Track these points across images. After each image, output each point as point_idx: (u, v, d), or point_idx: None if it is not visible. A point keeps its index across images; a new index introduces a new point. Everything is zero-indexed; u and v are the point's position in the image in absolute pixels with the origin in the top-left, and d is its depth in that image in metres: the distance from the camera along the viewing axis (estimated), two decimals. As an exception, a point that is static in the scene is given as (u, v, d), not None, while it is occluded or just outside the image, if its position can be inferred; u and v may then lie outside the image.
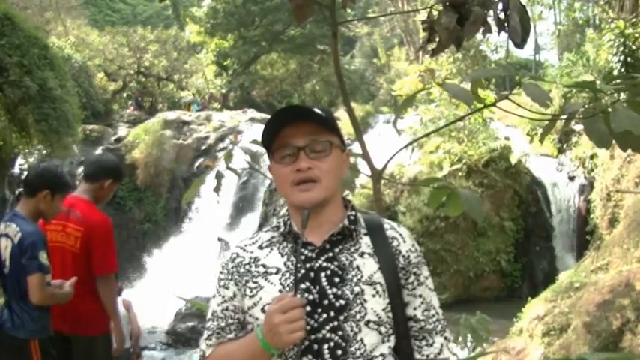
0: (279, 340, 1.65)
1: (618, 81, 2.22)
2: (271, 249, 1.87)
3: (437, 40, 2.56)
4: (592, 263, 11.11)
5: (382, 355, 1.77)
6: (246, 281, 1.83)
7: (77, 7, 37.14)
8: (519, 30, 2.40)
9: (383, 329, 1.78)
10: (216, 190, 3.06)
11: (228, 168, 3.08)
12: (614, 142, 2.14)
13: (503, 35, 2.50)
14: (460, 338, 3.51)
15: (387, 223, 1.93)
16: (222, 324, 1.86)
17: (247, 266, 1.86)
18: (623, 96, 2.13)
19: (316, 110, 1.82)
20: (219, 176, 3.06)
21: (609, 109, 2.04)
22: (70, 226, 4.50)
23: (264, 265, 1.84)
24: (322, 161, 1.80)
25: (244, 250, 1.90)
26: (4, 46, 13.68)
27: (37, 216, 4.23)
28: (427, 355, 1.86)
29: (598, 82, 2.20)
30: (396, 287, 1.83)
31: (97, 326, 4.67)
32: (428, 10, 2.67)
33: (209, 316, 1.90)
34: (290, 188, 1.81)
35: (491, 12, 2.46)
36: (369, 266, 1.81)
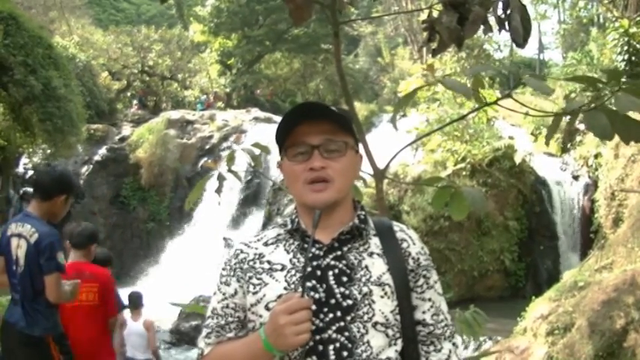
0: (284, 341, 1.60)
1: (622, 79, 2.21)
2: (277, 246, 1.82)
3: (438, 39, 2.55)
4: (596, 262, 11.09)
5: (388, 358, 1.73)
6: (250, 278, 1.78)
7: (81, 7, 37.17)
8: (521, 30, 2.40)
9: (390, 332, 1.74)
10: (218, 191, 3.05)
11: (229, 170, 3.08)
12: (617, 140, 2.14)
13: (507, 34, 2.49)
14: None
15: (396, 225, 1.90)
16: (222, 322, 1.81)
17: (251, 262, 1.81)
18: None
19: (333, 109, 1.79)
20: (220, 178, 3.06)
21: (609, 102, 2.04)
22: None
23: (269, 262, 1.79)
24: (336, 161, 1.76)
25: (248, 246, 1.86)
26: (9, 45, 13.72)
27: (48, 217, 4.34)
28: None
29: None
30: (405, 290, 1.79)
31: None
32: (428, 9, 2.67)
33: (208, 313, 1.85)
34: (302, 187, 1.77)
35: (491, 11, 2.45)
36: (377, 267, 1.77)
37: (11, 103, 14.54)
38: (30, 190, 21.19)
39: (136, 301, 8.10)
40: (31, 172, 21.31)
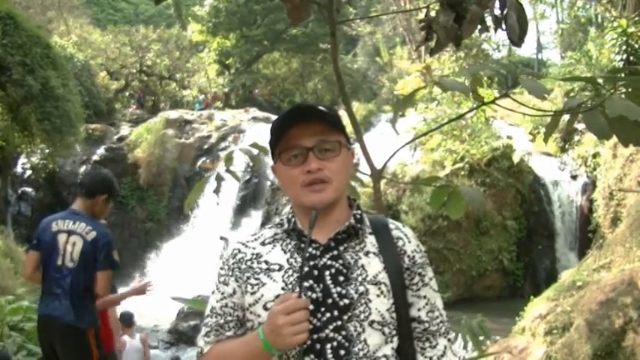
0: (282, 341, 1.62)
1: (621, 75, 2.21)
2: (274, 246, 1.84)
3: (435, 38, 2.56)
4: (594, 262, 11.09)
5: (385, 356, 1.74)
6: (248, 278, 1.80)
7: (79, 7, 37.13)
8: (517, 28, 2.40)
9: (386, 330, 1.75)
10: (216, 191, 3.05)
11: (227, 171, 3.08)
12: (616, 140, 2.13)
13: (505, 34, 2.50)
14: (460, 339, 3.50)
15: (392, 223, 1.91)
16: (221, 321, 1.83)
17: (249, 262, 1.82)
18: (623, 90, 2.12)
19: (323, 109, 1.80)
20: (219, 178, 3.06)
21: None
22: None
23: (266, 262, 1.80)
24: (332, 161, 1.77)
25: (246, 246, 1.87)
26: (7, 45, 13.73)
27: (90, 215, 4.64)
28: (430, 357, 1.83)
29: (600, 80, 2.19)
30: (401, 288, 1.80)
31: None
32: (426, 9, 2.67)
33: (207, 312, 1.86)
34: (300, 189, 1.77)
35: (488, 10, 2.46)
36: (373, 266, 1.78)
37: (9, 102, 14.54)
38: (28, 189, 21.25)
39: (128, 321, 8.33)
40: (29, 172, 21.32)
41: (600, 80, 2.15)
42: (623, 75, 2.27)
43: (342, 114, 2.07)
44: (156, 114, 26.39)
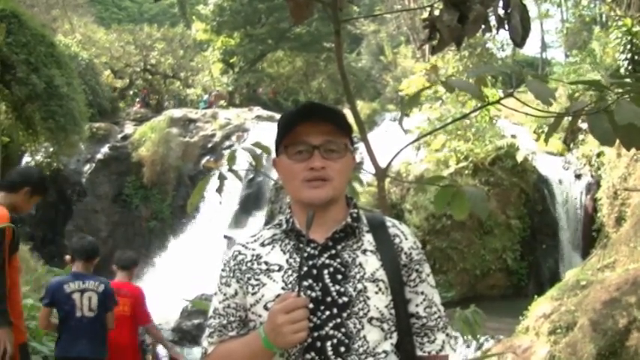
0: (283, 340, 1.65)
1: (626, 80, 2.20)
2: (273, 246, 1.87)
3: (438, 37, 2.56)
4: (598, 261, 11.07)
5: (385, 352, 1.78)
6: (248, 279, 1.84)
7: (83, 5, 37.15)
8: (520, 29, 2.40)
9: (385, 326, 1.79)
10: (219, 191, 3.06)
11: (230, 170, 3.09)
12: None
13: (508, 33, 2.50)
14: (457, 332, 3.51)
15: (389, 221, 1.94)
16: (224, 322, 1.87)
17: (249, 264, 1.86)
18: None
19: (334, 110, 1.85)
20: (221, 177, 3.06)
21: (613, 107, 2.03)
22: None
23: (266, 263, 1.84)
24: (335, 162, 1.81)
25: (246, 247, 1.90)
26: (11, 43, 13.75)
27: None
28: (429, 352, 1.87)
29: (603, 80, 2.19)
30: (398, 284, 1.84)
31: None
32: (429, 7, 2.67)
33: (211, 313, 1.91)
34: (300, 184, 1.81)
35: (492, 10, 2.45)
36: (371, 263, 1.82)
37: (14, 101, 14.57)
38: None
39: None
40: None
41: (606, 79, 2.15)
42: (627, 76, 2.26)
43: (347, 113, 2.08)
44: (160, 112, 26.43)
